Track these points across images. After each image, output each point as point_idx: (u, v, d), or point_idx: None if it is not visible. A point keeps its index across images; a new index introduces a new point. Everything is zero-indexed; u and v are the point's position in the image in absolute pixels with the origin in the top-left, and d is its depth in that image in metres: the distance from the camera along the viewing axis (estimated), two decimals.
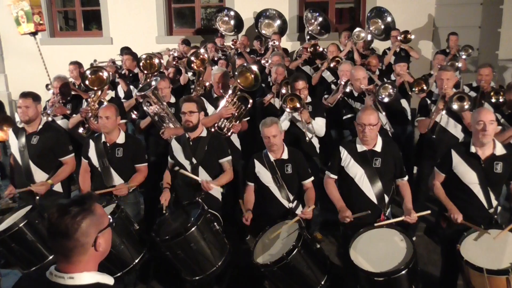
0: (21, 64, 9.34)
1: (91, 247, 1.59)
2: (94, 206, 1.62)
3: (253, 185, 3.77)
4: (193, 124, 3.73)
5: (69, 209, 1.56)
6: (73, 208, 1.57)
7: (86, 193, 1.74)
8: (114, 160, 3.79)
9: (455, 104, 3.95)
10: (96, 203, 1.65)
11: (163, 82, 4.68)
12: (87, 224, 1.57)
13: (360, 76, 4.55)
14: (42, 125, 3.95)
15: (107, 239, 1.66)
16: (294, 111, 4.24)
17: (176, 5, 9.14)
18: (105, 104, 4.01)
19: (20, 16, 6.94)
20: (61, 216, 1.55)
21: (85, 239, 1.57)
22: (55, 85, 5.00)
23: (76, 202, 1.60)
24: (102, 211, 1.66)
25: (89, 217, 1.58)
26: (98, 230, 1.61)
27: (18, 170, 3.93)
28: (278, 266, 2.97)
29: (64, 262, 1.59)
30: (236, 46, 7.16)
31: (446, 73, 4.15)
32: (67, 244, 1.55)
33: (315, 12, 7.92)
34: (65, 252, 1.57)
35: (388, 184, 3.38)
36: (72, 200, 1.64)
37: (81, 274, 1.58)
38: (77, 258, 1.58)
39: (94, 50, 8.55)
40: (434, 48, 7.78)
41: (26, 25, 7.04)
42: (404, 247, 2.95)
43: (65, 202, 1.62)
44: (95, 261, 1.64)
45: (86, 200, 1.62)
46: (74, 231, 1.54)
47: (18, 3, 6.99)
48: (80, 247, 1.57)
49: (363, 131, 3.30)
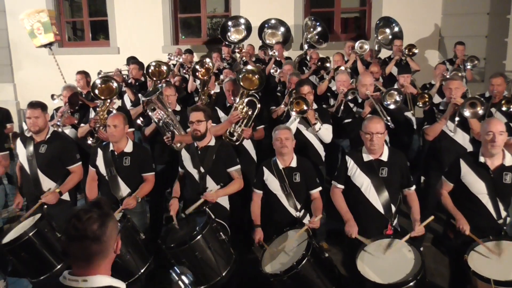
0: (30, 74, 9.47)
1: (112, 250, 1.65)
2: (110, 209, 1.68)
3: (261, 193, 3.77)
4: (201, 133, 3.74)
5: (93, 214, 1.59)
6: (96, 212, 1.60)
7: (99, 198, 1.77)
8: (121, 169, 3.80)
9: (468, 111, 3.90)
10: (110, 207, 1.70)
11: (169, 89, 4.71)
12: (111, 227, 1.62)
13: (367, 82, 4.50)
14: (50, 134, 3.98)
15: (120, 242, 1.71)
16: (301, 114, 4.24)
17: (182, 15, 9.24)
18: (113, 113, 4.04)
19: (36, 28, 7.03)
20: (88, 221, 1.57)
21: (110, 242, 1.63)
22: (64, 94, 5.05)
23: (96, 206, 1.63)
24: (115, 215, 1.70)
25: (111, 221, 1.63)
26: (117, 232, 1.67)
27: (26, 178, 3.95)
28: (288, 275, 2.95)
29: (82, 267, 1.61)
30: (242, 55, 7.21)
31: (454, 82, 4.14)
32: (94, 248, 1.58)
33: (316, 21, 7.97)
34: (88, 256, 1.59)
35: (395, 194, 3.36)
36: (91, 204, 1.67)
37: (94, 277, 1.60)
38: (98, 261, 1.61)
39: (102, 59, 8.65)
40: (440, 57, 7.79)
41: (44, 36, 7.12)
42: (412, 258, 2.92)
43: (85, 208, 1.65)
44: (109, 265, 1.68)
45: (102, 204, 1.66)
46: (103, 234, 1.58)
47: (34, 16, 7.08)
48: (105, 250, 1.61)
49: (371, 140, 3.28)
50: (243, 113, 4.40)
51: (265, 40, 8.19)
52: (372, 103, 4.31)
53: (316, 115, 4.33)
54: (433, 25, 7.87)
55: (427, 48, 7.85)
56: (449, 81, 4.23)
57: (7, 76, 9.62)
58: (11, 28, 9.44)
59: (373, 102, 4.31)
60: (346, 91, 4.92)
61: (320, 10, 8.66)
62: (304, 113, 4.22)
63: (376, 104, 4.30)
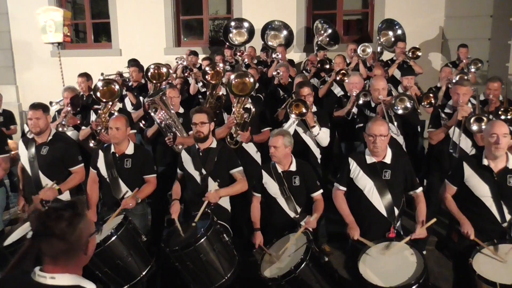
0: (32, 76, 9.48)
1: (81, 251, 1.63)
2: (85, 210, 1.67)
3: (259, 196, 3.76)
4: (204, 135, 3.74)
5: (64, 213, 1.59)
6: (68, 211, 1.60)
7: (76, 198, 1.79)
8: (122, 171, 3.80)
9: (474, 125, 3.87)
10: (85, 207, 1.69)
11: (172, 91, 4.72)
12: (81, 229, 1.61)
13: (380, 86, 4.49)
14: (52, 135, 3.98)
15: (93, 244, 1.70)
16: (300, 116, 4.23)
17: (184, 17, 9.25)
18: (115, 115, 4.03)
19: (48, 26, 7.07)
20: (57, 219, 1.57)
21: (78, 243, 1.61)
22: (65, 96, 5.05)
23: (70, 206, 1.63)
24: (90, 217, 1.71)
25: (82, 221, 1.62)
26: (89, 234, 1.65)
27: (28, 180, 3.95)
28: (286, 280, 2.93)
29: (50, 264, 1.61)
30: (243, 58, 7.20)
31: (462, 88, 4.11)
32: (60, 247, 1.57)
33: (326, 23, 7.96)
34: (55, 254, 1.59)
35: (398, 196, 3.35)
36: (65, 204, 1.66)
37: (62, 275, 1.60)
38: (66, 260, 1.61)
39: (104, 61, 8.66)
40: (444, 60, 7.77)
41: (54, 35, 7.16)
42: (414, 261, 2.90)
43: (58, 206, 1.64)
44: (80, 265, 1.68)
45: (78, 204, 1.65)
46: (70, 234, 1.57)
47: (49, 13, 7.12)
48: (73, 250, 1.60)
49: (374, 142, 3.28)
50: (238, 118, 4.40)
51: (267, 42, 8.18)
52: (382, 109, 4.31)
53: (315, 118, 4.32)
54: (437, 28, 7.85)
55: (430, 50, 7.83)
56: (457, 86, 4.19)
57: (10, 78, 9.62)
58: (13, 30, 9.46)
59: (383, 107, 4.30)
60: (358, 93, 4.92)
61: (322, 12, 8.65)
62: (303, 116, 4.21)
63: (386, 109, 4.30)
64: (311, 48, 8.19)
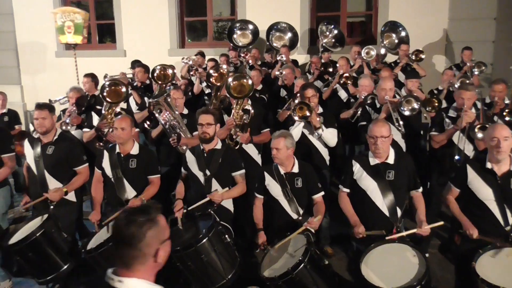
0: (37, 76, 9.53)
1: (151, 257, 1.59)
2: (158, 216, 1.62)
3: (262, 197, 3.77)
4: (210, 136, 3.77)
5: (135, 218, 1.57)
6: (140, 217, 1.57)
7: (151, 203, 1.73)
8: (127, 171, 3.82)
9: (479, 133, 3.86)
10: (160, 214, 1.64)
11: (177, 92, 4.75)
12: (151, 235, 1.57)
13: (387, 86, 4.48)
14: (58, 135, 3.99)
15: (166, 251, 1.65)
16: (304, 119, 4.24)
17: (188, 19, 9.28)
18: (120, 116, 4.06)
19: (67, 26, 7.08)
20: (127, 224, 1.56)
21: (148, 250, 1.58)
22: (70, 96, 5.10)
23: (143, 212, 1.60)
24: (165, 223, 1.65)
25: (154, 228, 1.58)
26: (161, 241, 1.61)
27: (33, 179, 3.97)
28: (283, 280, 2.94)
29: (121, 266, 1.59)
30: (248, 59, 7.22)
31: (467, 93, 4.11)
32: (129, 252, 1.56)
33: (330, 24, 7.97)
34: (125, 260, 1.58)
35: (401, 197, 3.35)
36: (138, 209, 1.64)
37: (130, 279, 1.58)
38: (135, 266, 1.58)
39: (108, 62, 8.70)
40: (447, 62, 7.76)
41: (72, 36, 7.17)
42: (416, 263, 2.90)
43: (131, 210, 1.62)
44: (151, 271, 1.64)
45: (152, 210, 1.62)
46: (139, 240, 1.55)
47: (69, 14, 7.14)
48: (141, 257, 1.58)
49: (375, 143, 3.29)
50: (237, 119, 4.42)
51: (272, 43, 8.20)
52: (388, 109, 4.30)
53: (320, 120, 4.32)
54: (440, 30, 7.85)
55: (434, 53, 7.82)
56: (462, 90, 4.19)
57: (15, 78, 9.68)
58: (18, 30, 9.52)
59: (390, 107, 4.29)
60: (366, 96, 4.90)
61: (326, 14, 8.66)
62: (306, 119, 4.21)
63: (392, 110, 4.29)
64: (314, 50, 8.20)
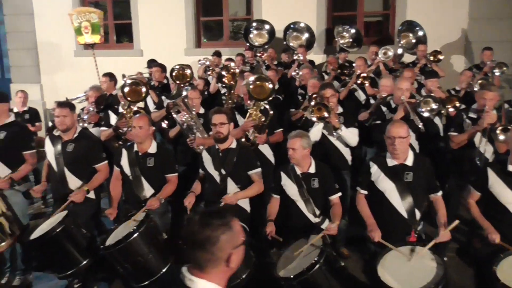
0: (55, 75, 9.69)
1: (223, 262, 1.58)
2: (233, 221, 1.61)
3: (278, 197, 3.76)
4: (223, 135, 3.78)
5: (210, 221, 1.56)
6: (215, 221, 1.57)
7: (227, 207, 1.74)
8: (145, 169, 3.86)
9: (501, 135, 3.80)
10: (234, 218, 1.63)
11: (194, 93, 4.78)
12: (225, 239, 1.56)
13: (403, 86, 4.42)
14: (78, 133, 4.06)
15: (239, 256, 1.63)
16: (321, 120, 4.21)
17: (204, 18, 9.31)
18: (138, 115, 4.10)
19: (84, 27, 7.14)
20: (202, 227, 1.55)
21: (220, 254, 1.56)
22: (90, 94, 5.19)
23: (218, 215, 1.60)
24: (239, 228, 1.64)
25: (227, 232, 1.57)
26: (234, 246, 1.59)
27: (53, 176, 4.04)
28: (298, 280, 2.93)
29: (195, 268, 1.60)
30: (263, 59, 7.22)
31: (489, 93, 4.05)
32: (202, 255, 1.56)
33: (347, 25, 7.91)
34: (198, 261, 1.58)
35: (419, 199, 3.31)
36: (213, 212, 1.64)
37: (200, 280, 1.58)
38: (206, 268, 1.58)
39: (125, 62, 8.78)
40: (467, 63, 7.63)
41: (90, 36, 7.23)
42: (434, 266, 2.85)
43: (207, 213, 1.62)
44: (223, 275, 1.63)
45: (227, 214, 1.62)
46: (212, 244, 1.54)
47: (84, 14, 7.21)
48: (214, 260, 1.57)
49: (392, 144, 3.25)
50: (256, 120, 4.41)
51: (288, 43, 8.17)
52: (406, 108, 4.24)
53: (340, 120, 4.27)
54: (459, 30, 7.71)
55: (453, 53, 7.69)
56: (484, 91, 4.13)
57: (35, 77, 9.86)
58: (38, 30, 9.68)
59: (407, 108, 4.23)
60: (386, 96, 4.85)
61: (342, 14, 8.61)
62: (324, 119, 4.18)
63: (410, 110, 4.23)
64: (331, 50, 8.15)
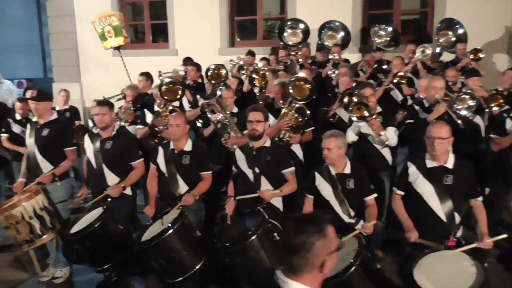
0: (94, 74, 10.02)
1: (317, 268, 1.59)
2: (328, 228, 1.61)
3: (312, 197, 3.73)
4: (259, 133, 3.78)
5: (305, 228, 1.57)
6: (309, 227, 1.57)
7: (320, 212, 1.73)
8: (180, 167, 3.91)
9: None
10: (329, 225, 1.63)
11: (228, 92, 4.82)
12: (320, 246, 1.57)
13: (437, 85, 4.27)
14: (116, 131, 4.17)
15: (332, 263, 1.63)
16: (362, 120, 4.12)
17: (238, 18, 9.36)
18: (175, 113, 4.17)
19: (107, 31, 7.29)
20: (297, 233, 1.57)
21: (315, 260, 1.58)
22: (127, 93, 5.34)
23: (313, 221, 1.60)
24: (334, 234, 1.64)
25: (322, 239, 1.58)
26: (328, 252, 1.60)
27: (92, 173, 4.17)
28: (334, 282, 2.89)
29: (289, 271, 1.62)
30: (298, 57, 7.18)
31: None
32: (296, 260, 1.58)
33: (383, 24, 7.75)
34: (292, 265, 1.60)
35: (460, 203, 3.21)
36: (308, 218, 1.64)
37: (293, 283, 1.59)
38: (300, 272, 1.60)
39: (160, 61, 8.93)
40: (510, 62, 7.31)
41: (114, 39, 7.36)
42: (473, 272, 2.75)
43: (301, 218, 1.63)
44: (316, 280, 1.64)
45: (322, 221, 1.61)
46: (307, 250, 1.56)
47: (105, 19, 7.37)
48: (307, 265, 1.58)
49: (432, 145, 3.16)
50: (292, 120, 4.39)
51: (323, 42, 8.10)
52: (441, 109, 4.10)
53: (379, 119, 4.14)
54: (502, 27, 7.39)
55: (495, 51, 7.38)
56: None
57: (75, 77, 10.23)
58: (79, 31, 10.04)
59: (445, 107, 4.09)
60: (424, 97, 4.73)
61: (378, 12, 8.44)
62: (364, 119, 4.10)
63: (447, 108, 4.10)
64: (366, 49, 8.01)
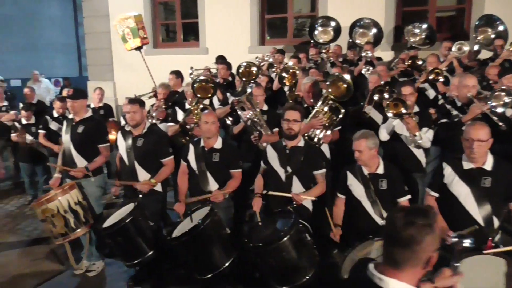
0: (127, 73, 10.23)
1: (422, 263, 1.55)
2: (436, 223, 1.57)
3: (344, 197, 3.66)
4: (295, 132, 3.75)
5: (415, 221, 1.53)
6: (420, 220, 1.53)
7: (428, 206, 1.69)
8: (210, 164, 3.94)
9: None
10: (437, 220, 1.59)
11: (258, 90, 4.81)
12: (429, 241, 1.54)
13: (469, 83, 4.11)
14: (147, 128, 4.24)
15: (434, 260, 1.59)
16: (397, 117, 4.00)
17: (269, 16, 9.33)
18: (207, 111, 4.20)
19: (126, 34, 7.49)
20: (406, 225, 1.53)
21: (422, 255, 1.54)
22: (159, 92, 5.42)
23: (422, 215, 1.56)
24: (439, 230, 1.60)
25: (431, 234, 1.54)
26: (434, 249, 1.56)
27: (124, 169, 4.25)
28: None
29: (388, 265, 1.58)
30: (329, 55, 7.09)
31: None
32: (403, 254, 1.54)
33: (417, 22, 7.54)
34: (396, 259, 1.55)
35: (498, 206, 3.08)
36: (417, 210, 1.60)
37: (391, 280, 1.56)
38: (406, 268, 1.55)
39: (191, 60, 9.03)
40: None
41: (133, 41, 7.57)
42: None
43: (410, 211, 1.60)
44: (417, 276, 1.60)
45: (431, 215, 1.57)
46: (417, 244, 1.52)
47: (124, 22, 7.57)
48: (414, 260, 1.54)
49: (470, 147, 3.04)
50: (326, 118, 4.32)
51: (355, 40, 7.96)
52: (477, 108, 3.92)
53: (416, 119, 4.01)
54: None
55: None
56: None
57: (109, 75, 10.51)
58: (113, 31, 10.27)
59: (479, 105, 3.92)
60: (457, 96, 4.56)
61: (413, 9, 8.20)
62: (401, 117, 3.98)
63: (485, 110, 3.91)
64: (399, 47, 7.80)
